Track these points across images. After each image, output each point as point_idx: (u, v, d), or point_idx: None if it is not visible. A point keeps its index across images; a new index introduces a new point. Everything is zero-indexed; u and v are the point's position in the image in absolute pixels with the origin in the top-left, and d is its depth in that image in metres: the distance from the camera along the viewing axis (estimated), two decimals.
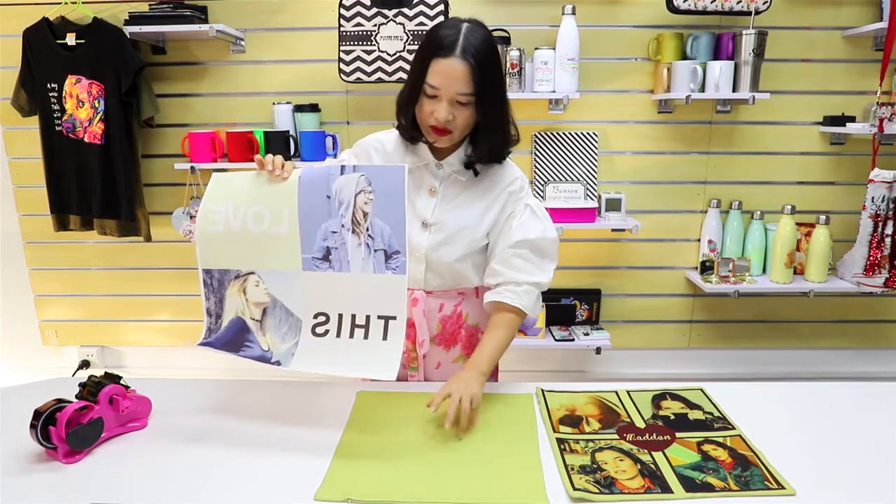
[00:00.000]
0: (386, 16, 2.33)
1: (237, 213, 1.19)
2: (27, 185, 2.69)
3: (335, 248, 1.16)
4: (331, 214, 1.16)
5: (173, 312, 2.83)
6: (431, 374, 1.43)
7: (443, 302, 1.37)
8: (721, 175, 2.64)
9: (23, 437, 1.07)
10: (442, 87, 1.17)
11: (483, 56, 1.17)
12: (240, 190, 1.20)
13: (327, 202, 1.16)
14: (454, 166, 1.31)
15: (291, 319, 1.19)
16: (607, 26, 2.52)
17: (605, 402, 1.28)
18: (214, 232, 1.21)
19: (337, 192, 1.16)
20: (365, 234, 1.15)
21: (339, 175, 1.16)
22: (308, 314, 1.19)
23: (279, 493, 0.99)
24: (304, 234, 1.17)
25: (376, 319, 1.15)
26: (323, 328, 1.18)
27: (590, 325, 2.72)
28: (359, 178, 1.15)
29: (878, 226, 2.36)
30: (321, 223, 1.17)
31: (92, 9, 2.40)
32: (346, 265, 1.16)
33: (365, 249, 1.15)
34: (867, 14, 2.47)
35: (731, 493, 0.98)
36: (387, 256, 1.15)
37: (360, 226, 1.15)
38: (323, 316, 1.18)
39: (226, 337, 1.21)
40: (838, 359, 2.83)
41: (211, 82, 2.59)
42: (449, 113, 1.19)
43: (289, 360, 1.17)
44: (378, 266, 1.15)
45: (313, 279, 1.18)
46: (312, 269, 1.18)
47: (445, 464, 1.06)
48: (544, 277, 1.33)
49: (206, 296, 1.23)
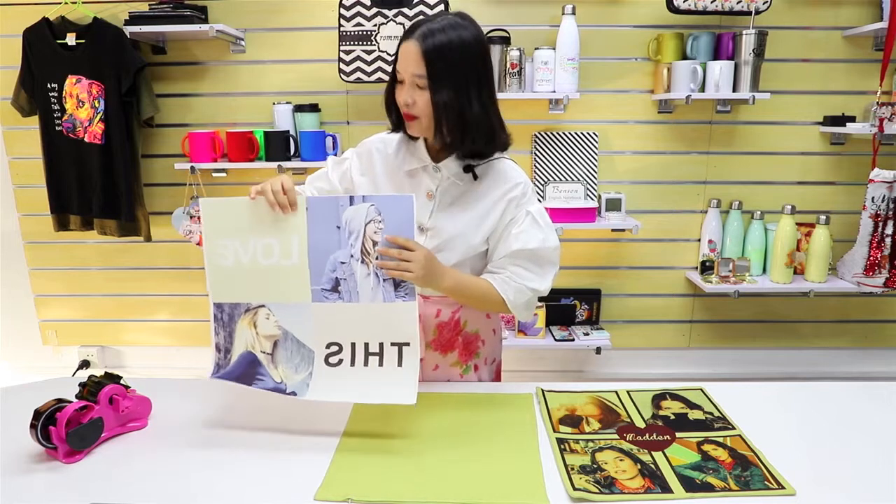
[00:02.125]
0: (386, 16, 2.33)
1: (246, 246, 1.19)
2: (27, 185, 2.69)
3: (344, 280, 1.16)
4: (340, 245, 1.16)
5: (173, 312, 2.83)
6: (429, 375, 1.42)
7: (440, 308, 1.36)
8: (721, 175, 2.64)
9: (23, 437, 1.07)
10: (401, 69, 1.19)
11: (439, 39, 1.15)
12: (246, 221, 1.19)
13: (337, 232, 1.16)
14: (452, 169, 1.28)
15: (303, 350, 1.19)
16: (607, 26, 2.52)
17: (605, 402, 1.28)
18: (224, 266, 1.20)
19: (347, 223, 1.16)
20: (374, 263, 1.15)
21: (348, 205, 1.15)
22: (320, 344, 1.18)
23: (279, 493, 0.99)
24: (314, 266, 1.17)
25: (390, 346, 1.15)
26: (336, 358, 1.18)
27: (590, 325, 2.72)
28: (368, 207, 1.15)
29: (878, 226, 2.36)
30: (330, 254, 1.16)
31: (92, 9, 2.40)
32: (355, 296, 1.16)
33: (374, 279, 1.15)
34: (867, 14, 2.47)
35: (731, 493, 0.98)
36: (395, 285, 1.15)
37: (369, 255, 1.15)
38: (335, 346, 1.18)
39: (236, 371, 1.20)
40: (838, 359, 2.83)
41: (211, 82, 2.59)
42: (409, 96, 1.19)
43: (304, 391, 1.17)
44: (388, 295, 1.15)
45: (323, 310, 1.17)
46: (322, 300, 1.17)
47: (445, 464, 1.06)
48: (542, 284, 1.30)
49: (215, 330, 1.22)
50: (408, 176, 1.31)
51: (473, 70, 1.19)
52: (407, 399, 1.11)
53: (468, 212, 1.29)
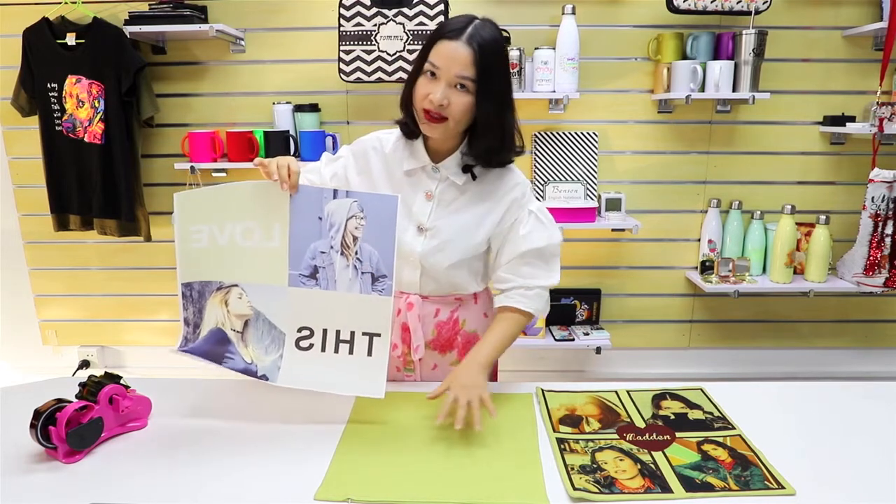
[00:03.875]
0: (386, 16, 2.33)
1: (223, 228, 1.19)
2: (27, 185, 2.69)
3: (323, 268, 1.18)
4: (321, 235, 1.18)
5: (173, 312, 2.83)
6: (428, 375, 1.42)
7: (439, 307, 1.36)
8: (721, 175, 2.64)
9: (23, 437, 1.07)
10: (443, 66, 1.15)
11: (489, 47, 1.15)
12: (223, 207, 1.19)
13: (318, 223, 1.18)
14: (451, 170, 1.28)
15: (274, 332, 1.20)
16: (607, 26, 2.52)
17: (605, 401, 1.28)
18: (197, 248, 1.20)
19: (329, 215, 1.17)
20: (353, 257, 1.17)
21: (331, 199, 1.17)
22: (292, 328, 1.20)
23: (279, 493, 0.99)
24: (293, 251, 1.19)
25: (361, 336, 1.18)
26: (307, 342, 1.20)
27: (590, 324, 2.72)
28: (351, 203, 1.17)
29: (878, 226, 2.36)
30: (311, 242, 1.18)
31: (92, 9, 2.40)
32: (332, 284, 1.18)
33: (353, 271, 1.18)
34: (867, 14, 2.47)
35: (731, 493, 0.98)
36: (374, 279, 1.17)
37: (349, 249, 1.17)
38: (307, 330, 1.20)
39: (204, 347, 1.21)
40: (838, 359, 2.83)
41: (211, 82, 2.59)
42: (444, 96, 1.15)
43: (275, 375, 1.19)
44: (364, 287, 1.18)
45: (299, 295, 1.19)
46: (298, 285, 1.19)
47: (445, 464, 1.06)
48: (553, 279, 1.33)
49: (184, 306, 1.23)
50: (406, 176, 1.31)
51: (507, 77, 1.22)
52: (374, 393, 1.15)
53: (467, 212, 1.30)
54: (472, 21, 1.18)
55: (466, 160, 1.28)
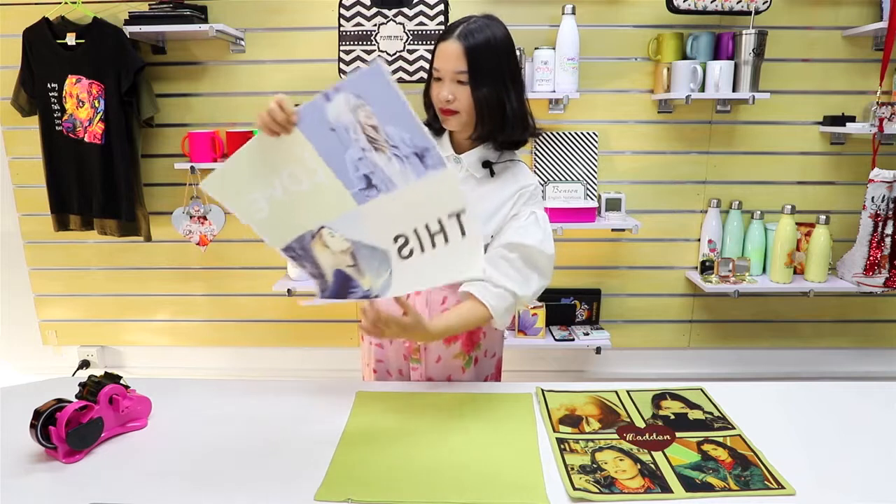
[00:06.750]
0: (386, 16, 2.33)
1: (272, 187, 1.15)
2: (27, 185, 2.69)
3: (372, 173, 1.12)
4: (344, 143, 1.10)
5: (173, 312, 2.83)
6: (432, 367, 1.43)
7: (446, 295, 1.37)
8: (721, 175, 2.64)
9: (23, 437, 1.07)
10: (441, 67, 1.27)
11: (478, 38, 1.24)
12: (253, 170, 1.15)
13: (334, 135, 1.10)
14: (471, 162, 1.35)
15: (377, 253, 1.17)
16: (607, 26, 2.52)
17: (605, 401, 1.28)
18: (265, 217, 1.17)
19: (337, 121, 1.09)
20: (388, 147, 1.09)
21: (326, 102, 1.08)
22: (389, 242, 1.16)
23: (279, 493, 0.99)
24: (339, 172, 1.13)
25: (447, 219, 1.12)
26: (407, 249, 1.16)
27: (590, 324, 2.72)
28: (346, 96, 1.07)
29: (878, 226, 2.36)
30: (342, 155, 1.11)
31: (92, 9, 2.40)
32: (390, 184, 1.12)
33: (397, 161, 1.10)
34: (867, 14, 2.47)
35: (731, 493, 0.98)
36: (420, 157, 1.09)
37: (377, 142, 1.10)
38: (402, 238, 1.15)
39: (335, 288, 1.20)
40: (838, 359, 2.83)
41: (211, 82, 2.59)
42: (449, 92, 1.27)
43: (387, 290, 1.16)
44: (417, 170, 1.10)
45: (372, 209, 1.14)
46: (365, 200, 1.14)
47: (445, 464, 1.06)
48: (525, 290, 1.31)
49: (300, 266, 1.21)
50: None
51: (507, 64, 1.29)
52: (475, 273, 1.13)
53: (481, 205, 1.34)
54: (467, 19, 1.27)
55: (485, 155, 1.35)
